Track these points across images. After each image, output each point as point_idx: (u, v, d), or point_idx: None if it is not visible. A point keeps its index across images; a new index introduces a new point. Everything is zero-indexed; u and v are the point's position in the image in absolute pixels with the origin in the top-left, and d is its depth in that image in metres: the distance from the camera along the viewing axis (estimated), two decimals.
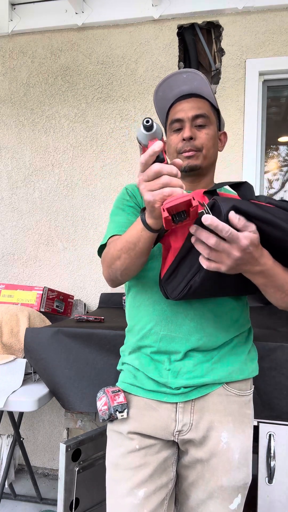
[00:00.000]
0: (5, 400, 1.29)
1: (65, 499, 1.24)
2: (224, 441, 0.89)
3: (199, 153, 0.96)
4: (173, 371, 0.90)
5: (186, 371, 0.89)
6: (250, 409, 0.95)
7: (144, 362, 0.94)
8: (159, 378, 0.91)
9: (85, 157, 2.21)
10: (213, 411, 0.90)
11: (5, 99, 2.29)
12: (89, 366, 1.32)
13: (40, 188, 2.26)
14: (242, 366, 0.93)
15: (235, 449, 0.89)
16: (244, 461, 0.90)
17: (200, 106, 0.96)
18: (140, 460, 0.89)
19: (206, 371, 0.89)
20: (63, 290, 2.21)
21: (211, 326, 0.90)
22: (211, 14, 2.04)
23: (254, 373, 0.97)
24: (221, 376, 0.90)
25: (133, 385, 0.95)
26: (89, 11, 2.13)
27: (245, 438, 0.91)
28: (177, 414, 0.90)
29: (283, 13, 1.99)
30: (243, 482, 0.90)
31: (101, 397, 0.93)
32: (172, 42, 2.10)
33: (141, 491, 0.86)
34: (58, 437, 2.17)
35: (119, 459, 0.90)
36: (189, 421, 0.90)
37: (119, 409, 0.90)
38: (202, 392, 0.89)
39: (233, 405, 0.91)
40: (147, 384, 0.92)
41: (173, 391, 0.90)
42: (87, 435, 1.33)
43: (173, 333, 0.90)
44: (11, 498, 1.91)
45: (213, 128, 0.97)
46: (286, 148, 2.37)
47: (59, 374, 1.33)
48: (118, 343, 1.31)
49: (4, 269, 2.31)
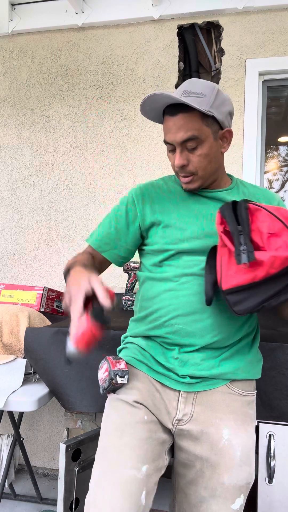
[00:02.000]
0: (5, 400, 1.29)
1: (65, 499, 1.24)
2: (226, 438, 0.88)
3: (195, 177, 0.93)
4: (181, 360, 0.91)
5: (194, 363, 0.90)
6: (252, 410, 0.95)
7: (152, 345, 0.95)
8: (166, 363, 0.92)
9: (85, 157, 2.21)
10: (215, 407, 0.90)
11: (5, 99, 2.29)
12: (89, 366, 1.32)
13: (40, 188, 2.26)
14: (248, 366, 0.94)
15: (236, 446, 0.88)
16: (246, 459, 0.89)
17: (188, 126, 0.87)
18: (147, 433, 0.85)
19: (213, 365, 0.90)
20: (63, 290, 2.21)
21: (227, 325, 0.91)
22: (211, 14, 2.04)
23: (258, 375, 0.98)
24: (227, 371, 0.91)
25: (140, 361, 0.95)
26: (89, 11, 2.13)
27: (247, 436, 0.91)
28: (179, 403, 0.91)
29: (283, 13, 1.99)
30: (245, 482, 0.88)
31: (102, 365, 0.90)
32: (172, 42, 2.10)
33: (144, 467, 0.80)
34: (58, 437, 2.17)
35: (126, 427, 0.84)
36: (189, 411, 0.90)
37: (120, 374, 0.87)
38: (206, 387, 0.90)
39: (236, 403, 0.92)
40: (154, 365, 0.93)
41: (178, 378, 0.90)
42: (87, 435, 1.33)
43: (188, 327, 0.90)
44: (11, 498, 1.91)
45: (207, 144, 0.90)
46: (286, 148, 2.37)
47: (59, 374, 1.33)
48: (118, 343, 1.31)
49: (4, 269, 2.31)
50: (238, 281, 0.79)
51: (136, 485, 0.77)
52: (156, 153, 2.12)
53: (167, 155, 0.98)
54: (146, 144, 2.14)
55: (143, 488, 0.78)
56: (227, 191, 1.00)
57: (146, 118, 1.00)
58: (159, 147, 2.12)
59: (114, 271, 2.15)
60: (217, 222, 0.84)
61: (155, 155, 2.12)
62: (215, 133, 0.92)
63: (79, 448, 1.29)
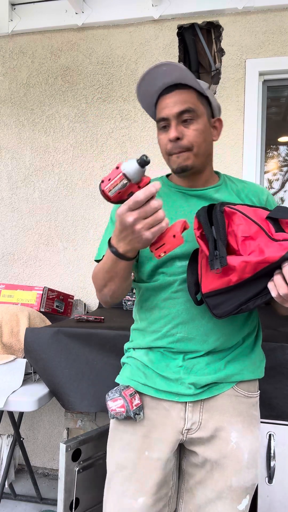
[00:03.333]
0: (5, 400, 1.29)
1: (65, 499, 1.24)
2: (234, 441, 0.89)
3: (189, 153, 0.90)
4: (186, 367, 0.90)
5: (200, 368, 0.90)
6: (257, 411, 0.96)
7: (154, 358, 0.93)
8: (171, 374, 0.90)
9: (85, 157, 2.21)
10: (222, 412, 0.90)
11: (5, 99, 2.29)
12: (89, 366, 1.32)
13: (40, 188, 2.26)
14: (252, 366, 0.94)
15: (244, 449, 0.89)
16: (253, 461, 0.90)
17: (185, 99, 0.88)
18: (146, 469, 0.90)
19: (219, 368, 0.90)
20: (63, 290, 2.21)
21: (227, 326, 0.91)
22: (211, 14, 2.04)
23: (262, 374, 0.97)
24: (233, 373, 0.90)
25: (143, 384, 0.93)
26: (89, 11, 2.13)
27: (253, 439, 0.91)
28: (186, 413, 0.90)
29: (283, 13, 1.99)
30: (251, 483, 0.90)
31: (116, 399, 0.90)
32: (172, 42, 2.10)
33: (141, 499, 0.88)
34: (58, 437, 2.17)
35: (128, 462, 0.91)
36: (198, 420, 0.90)
37: (137, 412, 0.90)
38: (212, 393, 0.90)
39: (242, 406, 0.92)
40: (159, 383, 0.91)
41: (184, 391, 0.89)
42: (87, 435, 1.33)
43: (190, 335, 0.89)
44: (11, 498, 1.91)
45: (202, 120, 0.90)
46: (286, 148, 2.37)
47: (59, 374, 1.33)
48: (118, 343, 1.31)
49: (4, 269, 2.31)
50: (215, 285, 0.80)
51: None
52: (156, 153, 2.12)
53: (158, 139, 0.96)
54: (146, 144, 2.14)
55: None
56: (214, 188, 0.96)
57: (148, 117, 1.00)
58: (159, 147, 2.12)
59: None
60: (194, 226, 0.84)
61: (155, 155, 2.12)
62: (209, 116, 0.93)
63: (79, 448, 1.29)
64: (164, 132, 0.92)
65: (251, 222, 0.77)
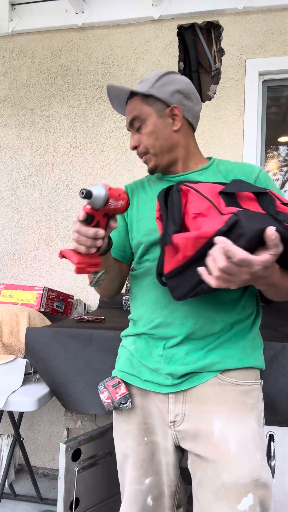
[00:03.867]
0: (5, 400, 1.29)
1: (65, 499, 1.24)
2: (217, 432, 0.83)
3: (148, 155, 0.96)
4: (165, 357, 0.90)
5: (179, 357, 0.88)
6: (252, 399, 0.87)
7: (140, 346, 0.95)
8: (151, 363, 0.91)
9: (85, 157, 2.21)
10: (204, 401, 0.87)
11: (5, 99, 2.29)
12: (89, 366, 1.32)
13: (40, 188, 2.26)
14: (241, 354, 0.88)
15: (230, 439, 0.82)
16: (244, 452, 0.81)
17: (131, 108, 0.95)
18: (147, 453, 0.93)
19: (199, 358, 0.87)
20: (63, 290, 2.21)
21: (207, 309, 0.88)
22: (211, 14, 2.04)
23: (258, 363, 0.91)
24: (214, 361, 0.86)
25: (130, 374, 0.96)
26: (89, 11, 2.13)
27: (242, 427, 0.83)
28: (169, 405, 0.90)
29: (283, 13, 1.99)
30: (250, 479, 0.79)
31: (102, 391, 0.94)
32: (172, 42, 2.10)
33: (147, 479, 0.93)
34: (58, 437, 2.17)
35: (129, 450, 0.95)
36: (181, 411, 0.89)
37: (123, 401, 0.92)
38: (193, 383, 0.88)
39: (228, 394, 0.86)
40: (144, 373, 0.93)
41: (164, 381, 0.89)
42: (87, 435, 1.33)
43: (168, 319, 0.90)
44: (11, 498, 1.91)
45: (150, 121, 0.94)
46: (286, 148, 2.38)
47: (59, 374, 1.33)
48: (118, 343, 1.30)
49: (4, 269, 2.31)
50: (170, 266, 0.79)
51: (140, 495, 0.93)
52: None
53: None
54: None
55: (148, 495, 0.93)
56: (199, 171, 0.97)
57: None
58: None
59: None
60: (156, 208, 0.85)
61: None
62: (160, 111, 0.94)
63: (79, 448, 1.29)
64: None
65: (203, 198, 0.75)
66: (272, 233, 0.63)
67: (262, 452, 0.83)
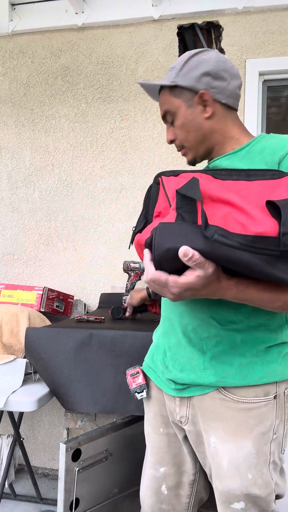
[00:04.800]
0: (5, 400, 1.29)
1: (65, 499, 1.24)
2: (213, 446, 0.84)
3: (185, 149, 0.93)
4: (170, 358, 0.90)
5: (180, 363, 0.86)
6: (254, 419, 0.79)
7: (157, 341, 0.97)
8: (160, 361, 0.93)
9: (85, 157, 2.21)
10: (204, 414, 0.85)
11: (5, 99, 2.29)
12: (89, 366, 1.32)
13: (40, 188, 2.26)
14: (247, 369, 0.79)
15: (222, 456, 0.81)
16: (235, 471, 0.79)
17: (162, 101, 0.92)
18: (163, 443, 0.96)
19: (199, 368, 0.82)
20: (63, 290, 2.21)
21: (202, 311, 0.81)
22: (211, 14, 2.04)
23: (272, 377, 0.80)
24: (215, 377, 0.80)
25: (149, 367, 0.99)
26: (89, 11, 2.13)
27: (236, 448, 0.80)
28: (175, 406, 0.91)
29: (283, 13, 1.99)
30: (240, 492, 0.79)
31: (127, 375, 1.02)
32: (172, 42, 2.10)
33: (162, 468, 0.96)
34: (58, 437, 2.17)
35: (149, 437, 1.00)
36: (185, 414, 0.90)
37: (138, 390, 0.97)
38: (194, 393, 0.85)
39: (228, 411, 0.81)
40: (159, 368, 0.94)
41: (170, 385, 0.90)
42: (87, 435, 1.33)
43: (170, 314, 0.91)
44: (11, 498, 1.91)
45: (180, 113, 0.89)
46: None
47: (58, 374, 1.33)
48: (118, 343, 1.31)
49: (4, 269, 2.31)
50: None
51: (155, 481, 0.97)
52: (156, 153, 2.12)
53: None
54: (146, 144, 2.14)
55: (163, 483, 0.96)
56: (227, 156, 0.88)
57: (148, 117, 1.05)
58: (159, 147, 2.12)
59: (114, 271, 2.15)
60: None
61: (155, 155, 2.12)
62: (189, 101, 0.88)
63: (79, 448, 1.29)
64: None
65: (164, 196, 0.69)
66: (184, 254, 0.56)
67: (257, 472, 0.79)
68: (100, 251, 2.18)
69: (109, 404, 1.30)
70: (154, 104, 2.11)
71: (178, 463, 0.96)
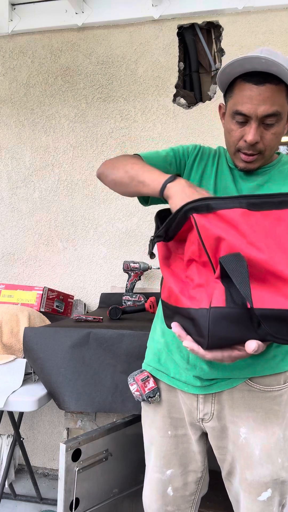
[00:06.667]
0: (5, 400, 1.29)
1: (65, 499, 1.24)
2: (243, 437, 0.87)
3: (260, 156, 0.84)
4: (193, 355, 0.86)
5: (204, 361, 0.85)
6: (279, 405, 0.88)
7: (169, 339, 0.93)
8: (180, 360, 0.89)
9: (85, 157, 2.21)
10: (233, 406, 0.88)
11: (5, 99, 2.29)
12: (85, 365, 1.32)
13: (40, 188, 2.26)
14: (271, 360, 0.86)
15: (254, 445, 0.86)
16: (267, 458, 0.86)
17: (274, 99, 0.77)
18: (170, 446, 0.95)
19: (223, 366, 0.84)
20: (63, 290, 2.21)
21: None
22: (211, 14, 2.04)
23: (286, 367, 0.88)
24: (242, 369, 0.85)
25: (158, 370, 0.96)
26: (89, 11, 2.13)
27: (267, 435, 0.86)
28: (198, 404, 0.90)
29: (283, 13, 1.99)
30: (270, 478, 0.86)
31: (132, 383, 0.97)
32: (172, 42, 2.10)
33: (169, 471, 0.95)
34: (58, 437, 2.17)
35: (154, 440, 0.98)
36: (210, 411, 0.89)
37: (151, 395, 0.95)
38: (222, 387, 0.87)
39: (256, 401, 0.87)
40: (171, 370, 0.92)
41: (193, 382, 0.88)
42: (87, 435, 1.33)
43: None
44: (11, 498, 1.91)
45: (283, 122, 0.81)
46: (286, 148, 2.37)
47: (55, 374, 1.33)
48: (115, 343, 1.31)
49: (4, 269, 2.31)
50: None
51: (161, 484, 0.96)
52: None
53: (228, 127, 0.85)
54: (146, 144, 2.14)
55: (169, 485, 0.96)
56: (264, 169, 0.88)
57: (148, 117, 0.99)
58: (159, 147, 2.12)
59: (114, 271, 2.15)
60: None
61: None
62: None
63: (79, 448, 1.29)
64: (239, 127, 0.83)
65: (199, 240, 0.63)
66: (253, 350, 0.60)
67: (285, 455, 0.88)
68: (100, 251, 2.18)
69: (106, 403, 1.30)
70: (154, 104, 2.11)
71: (185, 464, 0.96)
